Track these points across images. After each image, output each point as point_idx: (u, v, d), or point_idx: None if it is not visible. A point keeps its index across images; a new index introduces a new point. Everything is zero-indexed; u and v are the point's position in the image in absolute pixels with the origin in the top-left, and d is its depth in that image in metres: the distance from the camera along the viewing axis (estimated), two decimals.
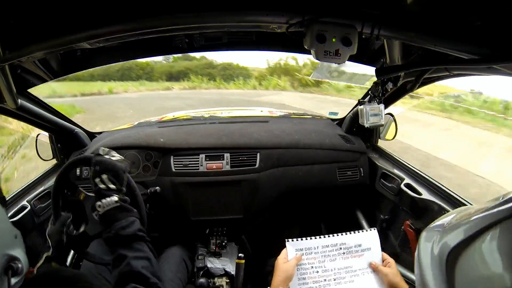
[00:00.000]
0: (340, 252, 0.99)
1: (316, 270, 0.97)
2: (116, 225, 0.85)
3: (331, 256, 0.98)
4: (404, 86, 1.33)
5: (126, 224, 0.86)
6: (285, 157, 1.61)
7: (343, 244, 0.99)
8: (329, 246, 0.99)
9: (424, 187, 1.42)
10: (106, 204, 0.88)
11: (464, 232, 0.42)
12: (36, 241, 1.40)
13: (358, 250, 0.99)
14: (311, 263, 0.97)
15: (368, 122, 1.49)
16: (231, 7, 0.74)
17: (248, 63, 15.67)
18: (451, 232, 0.46)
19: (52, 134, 1.65)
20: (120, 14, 0.73)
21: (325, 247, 0.98)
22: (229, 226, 1.64)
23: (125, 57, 1.36)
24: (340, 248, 0.99)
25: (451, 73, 1.13)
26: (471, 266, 0.39)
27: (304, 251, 0.97)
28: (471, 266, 0.39)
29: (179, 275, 1.33)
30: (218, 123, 1.87)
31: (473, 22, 0.74)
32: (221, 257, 1.63)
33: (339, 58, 0.84)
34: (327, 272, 0.97)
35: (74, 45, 0.78)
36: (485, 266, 0.38)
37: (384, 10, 0.77)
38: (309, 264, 0.97)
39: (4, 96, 1.02)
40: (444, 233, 0.47)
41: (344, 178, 1.66)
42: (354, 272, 0.98)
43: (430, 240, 0.48)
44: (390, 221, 1.59)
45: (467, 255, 0.40)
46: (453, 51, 0.80)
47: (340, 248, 0.99)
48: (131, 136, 1.66)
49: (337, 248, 0.99)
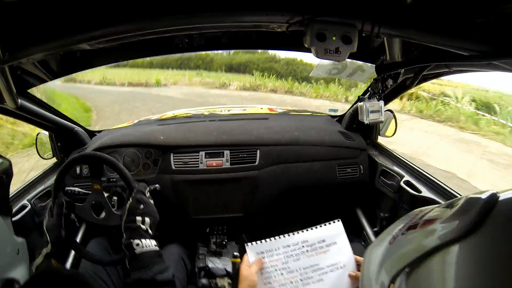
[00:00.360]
0: (303, 250, 0.92)
1: (280, 272, 0.90)
2: (154, 269, 0.86)
3: (294, 256, 0.91)
4: (404, 83, 1.34)
5: (163, 269, 0.88)
6: (285, 154, 1.62)
7: (305, 242, 0.93)
8: (290, 245, 0.92)
9: (423, 184, 1.42)
10: (146, 245, 0.90)
11: (408, 255, 0.36)
12: (37, 241, 1.40)
13: (322, 246, 0.93)
14: (274, 265, 0.90)
15: (368, 118, 1.49)
16: (231, 7, 0.74)
17: (313, 60, 14.59)
18: (395, 253, 0.41)
19: (52, 133, 1.65)
20: (120, 16, 0.73)
21: (287, 247, 0.92)
22: (230, 225, 1.65)
23: (125, 58, 1.36)
24: (302, 246, 0.92)
25: (451, 70, 1.13)
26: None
27: (266, 253, 0.91)
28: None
29: (178, 275, 1.33)
30: (218, 121, 1.87)
31: (473, 19, 0.74)
32: (222, 256, 1.63)
33: (339, 56, 0.84)
34: (292, 273, 0.90)
35: (74, 46, 0.78)
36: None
37: (384, 8, 0.77)
38: (272, 267, 0.90)
39: (4, 97, 1.02)
40: (387, 256, 0.42)
41: (344, 175, 1.66)
42: (322, 270, 0.91)
43: (374, 259, 0.44)
44: (390, 219, 1.60)
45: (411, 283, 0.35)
46: (454, 48, 0.80)
47: (303, 246, 0.92)
48: (131, 134, 1.66)
49: (299, 247, 0.92)
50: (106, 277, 1.23)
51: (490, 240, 0.29)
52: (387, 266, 0.39)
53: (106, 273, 1.23)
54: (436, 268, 0.31)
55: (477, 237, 0.29)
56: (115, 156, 1.55)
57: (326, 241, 0.93)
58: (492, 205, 0.31)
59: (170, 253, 1.42)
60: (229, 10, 0.74)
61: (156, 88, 12.96)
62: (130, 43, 0.92)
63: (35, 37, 0.76)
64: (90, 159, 1.37)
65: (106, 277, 1.22)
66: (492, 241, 0.29)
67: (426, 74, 1.21)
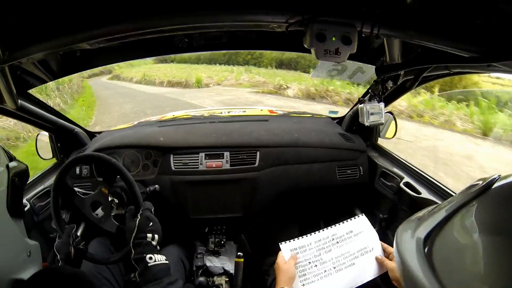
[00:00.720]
0: (333, 242, 1.02)
1: (314, 264, 0.99)
2: (166, 280, 0.92)
3: (325, 248, 1.01)
4: (404, 84, 1.33)
5: (174, 280, 0.93)
6: (284, 156, 1.61)
7: (334, 235, 1.03)
8: (321, 240, 1.02)
9: (423, 186, 1.42)
10: (158, 259, 0.95)
11: (436, 218, 0.47)
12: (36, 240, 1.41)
13: (350, 236, 1.03)
14: (308, 259, 1.00)
15: (368, 120, 1.49)
16: (230, 6, 0.74)
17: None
18: (425, 220, 0.50)
19: (52, 133, 1.65)
20: (120, 15, 0.73)
21: (318, 242, 1.02)
22: (229, 225, 1.65)
23: (125, 57, 1.36)
24: (332, 239, 1.03)
25: (451, 71, 1.13)
26: (446, 243, 0.44)
27: (299, 249, 1.01)
28: (446, 243, 0.44)
29: (177, 275, 1.32)
30: (218, 122, 1.87)
31: (473, 20, 0.73)
32: (220, 255, 1.64)
33: (339, 57, 0.84)
34: (325, 263, 0.99)
35: (74, 45, 0.78)
36: (460, 238, 0.43)
37: (384, 9, 0.77)
38: (306, 260, 1.00)
39: (4, 97, 1.02)
40: (419, 223, 0.51)
41: (343, 176, 1.66)
42: (353, 255, 1.00)
43: (407, 230, 0.52)
44: (389, 220, 1.60)
45: (442, 236, 0.44)
46: (453, 49, 0.80)
47: (333, 239, 1.03)
48: (131, 136, 1.67)
49: (329, 240, 1.02)
50: (110, 276, 1.23)
51: (486, 205, 0.43)
52: (420, 229, 0.49)
53: (109, 271, 1.24)
54: (456, 223, 0.44)
55: (477, 202, 0.43)
56: (115, 157, 1.55)
57: (354, 231, 1.04)
58: (490, 184, 0.44)
59: (170, 254, 1.41)
60: (229, 9, 0.74)
61: (195, 89, 11.44)
62: (130, 42, 0.92)
63: (36, 36, 0.76)
64: (104, 163, 1.25)
65: (109, 276, 1.23)
66: (487, 206, 0.43)
67: (426, 75, 1.21)
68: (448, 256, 0.41)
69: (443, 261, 0.41)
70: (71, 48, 0.81)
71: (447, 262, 0.41)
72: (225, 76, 12.66)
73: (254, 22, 0.78)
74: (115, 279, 1.24)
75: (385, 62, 1.23)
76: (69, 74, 1.30)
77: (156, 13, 0.73)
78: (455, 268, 0.40)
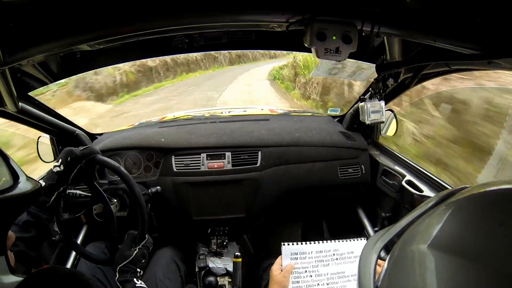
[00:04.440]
0: (333, 257, 1.00)
1: (309, 274, 0.98)
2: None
3: (324, 261, 1.00)
4: (404, 82, 1.33)
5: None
6: (286, 155, 1.61)
7: (336, 250, 1.01)
8: (322, 251, 1.00)
9: (425, 184, 1.41)
10: (142, 284, 1.03)
11: (395, 229, 0.47)
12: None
13: (350, 257, 1.01)
14: (305, 267, 0.99)
15: (369, 119, 1.50)
16: (230, 6, 0.74)
17: None
18: (387, 231, 0.49)
19: (53, 136, 1.65)
20: (119, 16, 0.73)
21: (319, 252, 1.00)
22: (231, 226, 1.64)
23: (126, 58, 1.36)
24: (333, 254, 1.01)
25: (451, 68, 1.13)
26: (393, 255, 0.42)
27: (299, 255, 0.99)
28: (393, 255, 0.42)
29: (169, 276, 1.34)
30: (219, 122, 1.86)
31: (473, 18, 0.73)
32: (223, 256, 1.63)
33: (340, 56, 0.84)
34: (320, 276, 0.98)
35: (74, 47, 0.78)
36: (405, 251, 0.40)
37: (384, 8, 0.77)
38: (303, 268, 0.99)
39: (4, 100, 1.02)
40: (380, 235, 0.50)
41: (345, 175, 1.66)
42: (346, 278, 0.99)
43: (369, 242, 0.51)
44: (391, 219, 1.59)
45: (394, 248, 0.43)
46: (454, 46, 0.80)
47: (334, 254, 1.01)
48: (132, 137, 1.66)
49: (330, 254, 1.00)
50: (104, 279, 1.24)
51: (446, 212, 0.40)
52: (382, 239, 0.48)
53: (103, 274, 1.25)
54: (420, 225, 0.42)
55: (437, 209, 0.41)
56: (116, 159, 1.55)
57: (355, 253, 1.01)
58: (451, 194, 0.44)
59: (162, 256, 1.43)
60: (229, 9, 0.74)
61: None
62: (130, 43, 0.92)
63: (36, 38, 0.76)
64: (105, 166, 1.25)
65: (103, 279, 1.24)
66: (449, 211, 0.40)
67: (426, 73, 1.21)
68: (393, 268, 0.40)
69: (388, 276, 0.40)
70: (71, 50, 0.82)
71: (390, 277, 0.39)
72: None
73: (254, 22, 0.78)
74: (109, 283, 1.25)
75: (386, 60, 1.23)
76: (69, 76, 1.30)
77: (156, 14, 0.73)
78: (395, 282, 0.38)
